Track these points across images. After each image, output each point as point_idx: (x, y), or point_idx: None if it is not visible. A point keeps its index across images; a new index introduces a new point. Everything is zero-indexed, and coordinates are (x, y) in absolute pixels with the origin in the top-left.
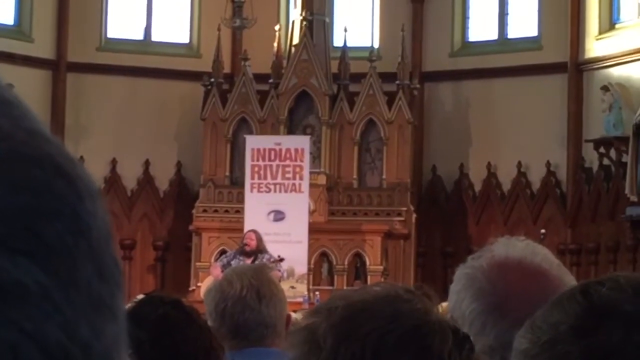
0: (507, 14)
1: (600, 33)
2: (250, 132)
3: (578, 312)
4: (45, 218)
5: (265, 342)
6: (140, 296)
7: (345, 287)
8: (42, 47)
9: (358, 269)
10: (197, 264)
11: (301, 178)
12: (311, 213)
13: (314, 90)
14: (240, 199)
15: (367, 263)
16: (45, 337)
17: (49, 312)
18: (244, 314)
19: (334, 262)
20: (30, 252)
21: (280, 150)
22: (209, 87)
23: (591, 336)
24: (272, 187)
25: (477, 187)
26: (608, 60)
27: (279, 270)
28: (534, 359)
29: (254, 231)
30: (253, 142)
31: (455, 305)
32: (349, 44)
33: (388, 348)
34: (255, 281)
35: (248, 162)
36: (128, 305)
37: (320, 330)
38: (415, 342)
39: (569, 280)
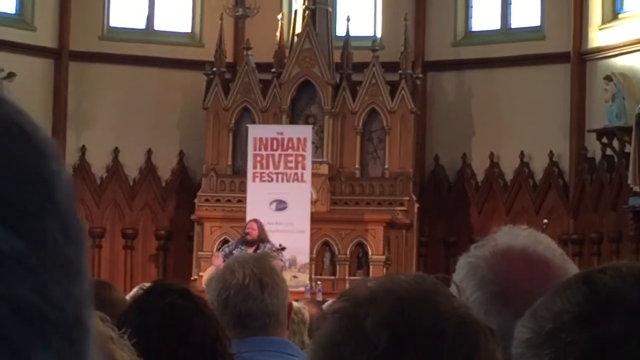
0: (510, 3)
1: (603, 23)
2: (253, 122)
3: (581, 301)
4: (13, 183)
5: (268, 331)
6: (147, 284)
7: (347, 277)
8: (45, 35)
9: (360, 259)
10: (199, 253)
11: (303, 167)
12: (313, 202)
13: (317, 80)
14: (243, 189)
15: (369, 253)
16: (20, 299)
17: (23, 275)
18: (247, 303)
19: (336, 252)
20: (3, 218)
21: (283, 139)
22: (212, 76)
23: (595, 325)
24: (274, 176)
25: (480, 177)
26: (611, 50)
27: (281, 260)
28: (537, 349)
29: (256, 220)
30: (255, 132)
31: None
32: (351, 34)
33: (447, 341)
34: (258, 270)
35: (250, 152)
36: (134, 292)
37: (369, 322)
38: (468, 336)
39: (572, 269)
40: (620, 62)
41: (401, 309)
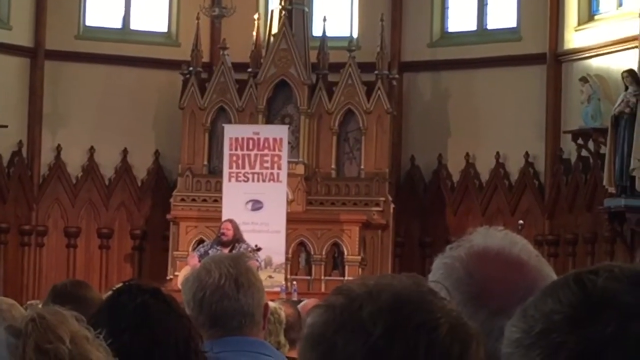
0: (487, 4)
1: (579, 24)
2: (229, 121)
3: (573, 302)
4: None
5: (244, 331)
6: (119, 285)
7: (323, 277)
8: (20, 34)
9: (336, 259)
10: (175, 253)
11: (279, 167)
12: (289, 203)
13: (293, 80)
14: (218, 188)
15: (345, 253)
16: None
17: None
18: (222, 303)
19: (312, 252)
20: None
21: (259, 139)
22: (188, 75)
23: (587, 326)
24: (250, 176)
25: (456, 178)
26: (587, 52)
27: (257, 260)
28: (527, 349)
29: (231, 221)
30: (231, 132)
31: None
32: (328, 34)
33: (440, 340)
34: (234, 270)
35: (226, 152)
36: (107, 294)
37: (366, 313)
38: (460, 338)
39: (548, 271)
40: (596, 63)
41: (397, 303)
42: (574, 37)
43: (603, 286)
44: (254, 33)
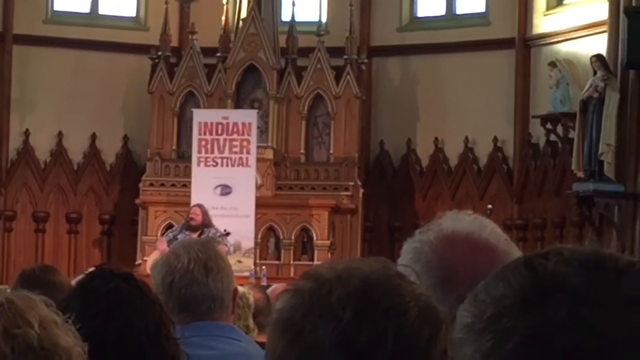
0: None
1: (548, 9)
2: (198, 106)
3: (523, 286)
4: None
5: (213, 315)
6: (91, 269)
7: (292, 262)
8: None
9: (305, 244)
10: (144, 238)
11: (248, 152)
12: (258, 187)
13: (262, 65)
14: (187, 173)
15: (314, 238)
16: None
17: None
18: (191, 288)
19: (281, 237)
20: None
21: (228, 124)
22: (157, 60)
23: (537, 310)
24: (219, 161)
25: (425, 162)
26: (556, 37)
27: (226, 245)
28: (478, 334)
29: (199, 205)
30: (200, 116)
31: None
32: (297, 18)
33: (409, 324)
34: (203, 255)
35: (195, 136)
36: (78, 278)
37: (334, 297)
38: (429, 321)
39: (517, 254)
40: (565, 48)
41: (366, 287)
42: (543, 22)
43: (553, 270)
44: (223, 17)
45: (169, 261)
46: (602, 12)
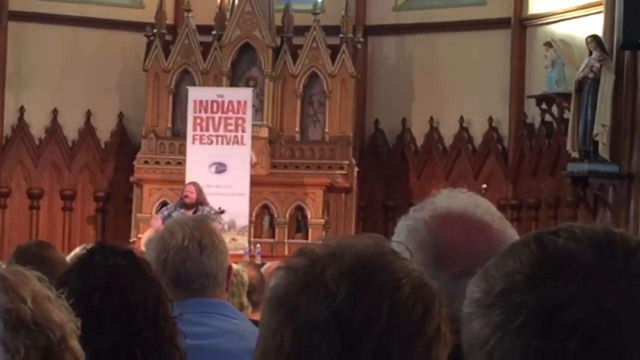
0: None
1: None
2: (193, 84)
3: (533, 262)
4: None
5: (207, 292)
6: (90, 245)
7: (286, 240)
8: None
9: (299, 222)
10: (138, 215)
11: (243, 130)
12: (253, 166)
13: (257, 43)
14: (182, 151)
15: (309, 216)
16: None
17: None
18: (186, 265)
19: (275, 215)
20: None
21: (223, 102)
22: (152, 38)
23: (546, 286)
24: (214, 139)
25: (419, 142)
26: (551, 17)
27: (220, 223)
28: (487, 309)
29: (194, 183)
30: (195, 94)
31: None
32: None
33: (402, 300)
34: (197, 232)
35: (190, 114)
36: (76, 252)
37: (328, 275)
38: (422, 298)
39: (511, 233)
40: (561, 28)
41: (360, 264)
42: (539, 2)
43: (563, 246)
44: None
45: (164, 238)
46: None
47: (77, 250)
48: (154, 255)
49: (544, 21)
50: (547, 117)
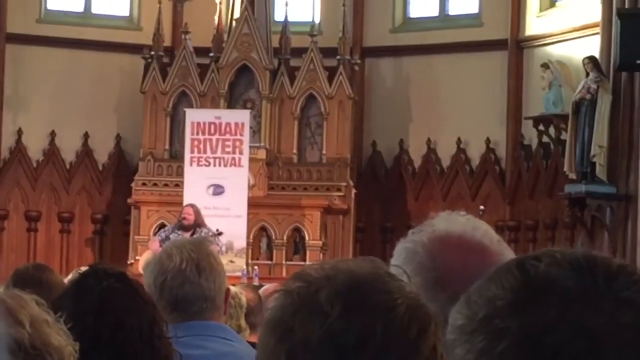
0: None
1: (541, 10)
2: (190, 106)
3: (515, 287)
4: None
5: (204, 315)
6: (84, 268)
7: (284, 262)
8: None
9: (297, 244)
10: (136, 237)
11: (241, 152)
12: (251, 187)
13: (255, 65)
14: (180, 173)
15: (306, 238)
16: None
17: None
18: (184, 288)
19: (273, 237)
20: None
21: (220, 124)
22: (149, 60)
23: (529, 311)
24: (211, 161)
25: (417, 163)
26: (548, 38)
27: (218, 244)
28: (471, 335)
29: (192, 205)
30: (193, 116)
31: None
32: (290, 19)
33: (397, 320)
34: (195, 254)
35: (188, 136)
36: (70, 276)
37: (323, 295)
38: (418, 317)
39: (510, 256)
40: (557, 49)
41: (354, 285)
42: (536, 23)
43: (545, 271)
44: (216, 17)
45: (161, 261)
46: (595, 13)
47: (72, 274)
48: (152, 278)
49: (541, 42)
50: (545, 139)
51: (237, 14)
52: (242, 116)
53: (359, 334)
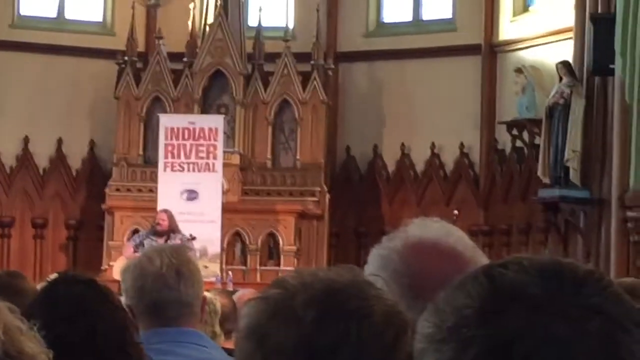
0: None
1: (514, 15)
2: (164, 111)
3: (482, 295)
4: None
5: (181, 321)
6: (54, 275)
7: (258, 267)
8: None
9: (271, 249)
10: (110, 243)
11: (215, 157)
12: (225, 192)
13: (229, 70)
14: (154, 178)
15: (281, 243)
16: None
17: None
18: (163, 292)
19: (247, 242)
20: None
21: (194, 129)
22: (123, 65)
23: (496, 320)
24: (185, 166)
25: (391, 168)
26: (522, 43)
27: (192, 250)
28: (438, 344)
29: (165, 211)
30: (167, 121)
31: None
32: (263, 24)
33: (373, 325)
34: (176, 260)
35: (162, 141)
36: (41, 284)
37: (298, 301)
38: (394, 323)
39: (484, 261)
40: (531, 54)
41: (330, 291)
42: (509, 28)
43: (512, 279)
44: (190, 23)
45: (142, 264)
46: (568, 18)
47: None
48: (131, 281)
49: (515, 47)
50: (518, 143)
51: (210, 20)
52: (216, 121)
53: (332, 338)
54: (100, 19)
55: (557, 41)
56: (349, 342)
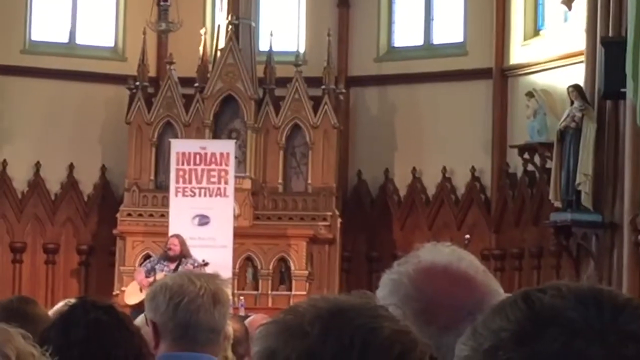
0: (433, 19)
1: (525, 39)
2: (176, 136)
3: (520, 319)
4: None
5: (208, 348)
6: (72, 300)
7: (270, 292)
8: None
9: (283, 274)
10: (121, 268)
11: (226, 182)
12: (236, 217)
13: (240, 95)
14: (165, 203)
15: (292, 268)
16: None
17: None
18: (198, 314)
19: (259, 267)
20: None
21: (206, 154)
22: (134, 90)
23: (533, 343)
24: (197, 191)
25: (402, 192)
26: (533, 67)
27: (224, 280)
28: None
29: (177, 236)
30: (178, 146)
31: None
32: (274, 48)
33: (377, 343)
34: (212, 286)
35: (173, 166)
36: (57, 307)
37: (306, 319)
38: (402, 340)
39: (495, 286)
40: (542, 78)
41: (339, 310)
42: (520, 52)
43: (550, 303)
44: (201, 48)
45: (182, 283)
46: (579, 42)
47: (60, 305)
48: (167, 297)
49: (526, 71)
50: (530, 167)
51: (221, 44)
52: (227, 146)
53: (337, 349)
54: (111, 44)
55: (568, 65)
56: (352, 352)
